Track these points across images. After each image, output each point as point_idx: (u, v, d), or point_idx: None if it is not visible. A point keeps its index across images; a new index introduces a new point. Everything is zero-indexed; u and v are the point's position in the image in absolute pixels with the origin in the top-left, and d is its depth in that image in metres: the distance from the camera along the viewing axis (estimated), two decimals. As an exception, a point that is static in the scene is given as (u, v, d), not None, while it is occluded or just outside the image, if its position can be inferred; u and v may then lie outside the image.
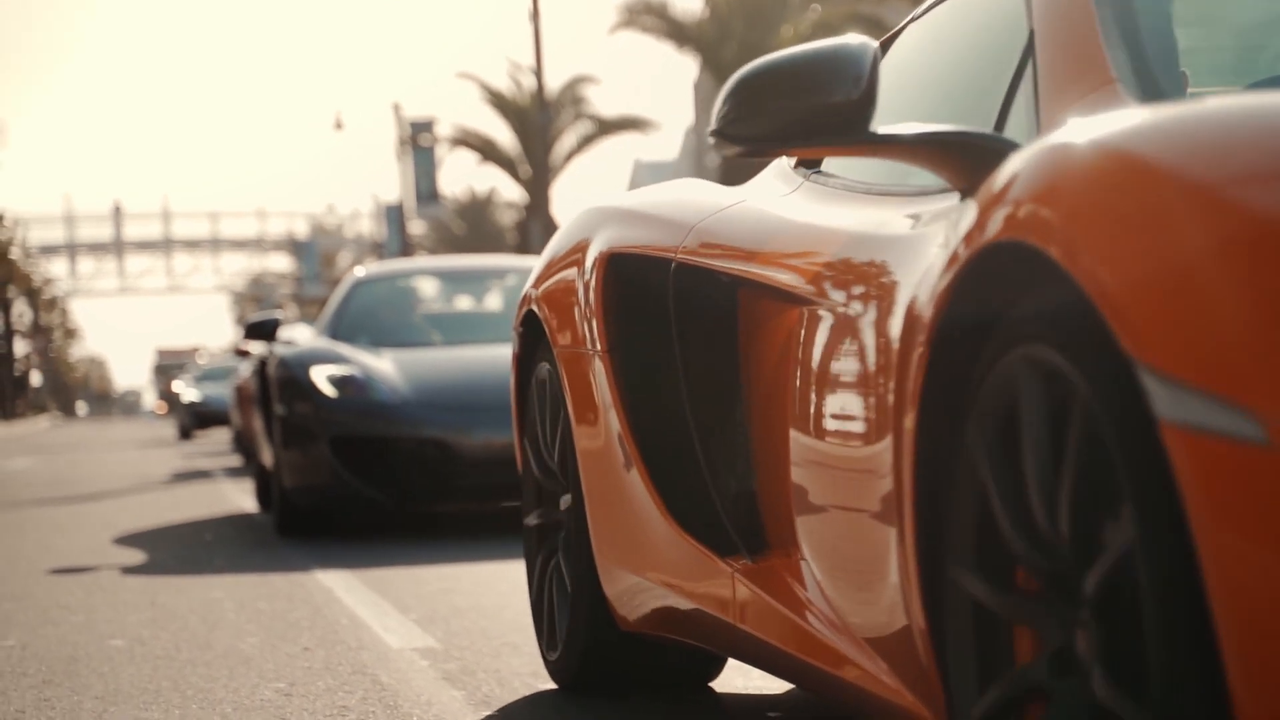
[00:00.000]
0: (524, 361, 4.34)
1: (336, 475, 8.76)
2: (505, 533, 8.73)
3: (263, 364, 10.46)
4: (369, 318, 10.31)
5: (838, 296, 2.90)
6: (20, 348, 77.25)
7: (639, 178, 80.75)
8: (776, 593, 3.09)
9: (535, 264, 4.25)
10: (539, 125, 31.72)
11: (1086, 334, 1.91)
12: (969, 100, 3.08)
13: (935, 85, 3.36)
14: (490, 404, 8.70)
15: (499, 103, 46.64)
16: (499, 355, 9.08)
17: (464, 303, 11.08)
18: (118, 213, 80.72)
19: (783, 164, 3.73)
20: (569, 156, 45.66)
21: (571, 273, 3.94)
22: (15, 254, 65.52)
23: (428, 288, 11.02)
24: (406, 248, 52.12)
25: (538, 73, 30.41)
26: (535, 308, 4.13)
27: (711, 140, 2.81)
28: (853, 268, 2.90)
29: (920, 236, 2.65)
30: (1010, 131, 2.83)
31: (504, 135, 47.00)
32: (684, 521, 3.47)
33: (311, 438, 8.87)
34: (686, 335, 3.50)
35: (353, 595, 6.39)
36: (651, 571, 3.60)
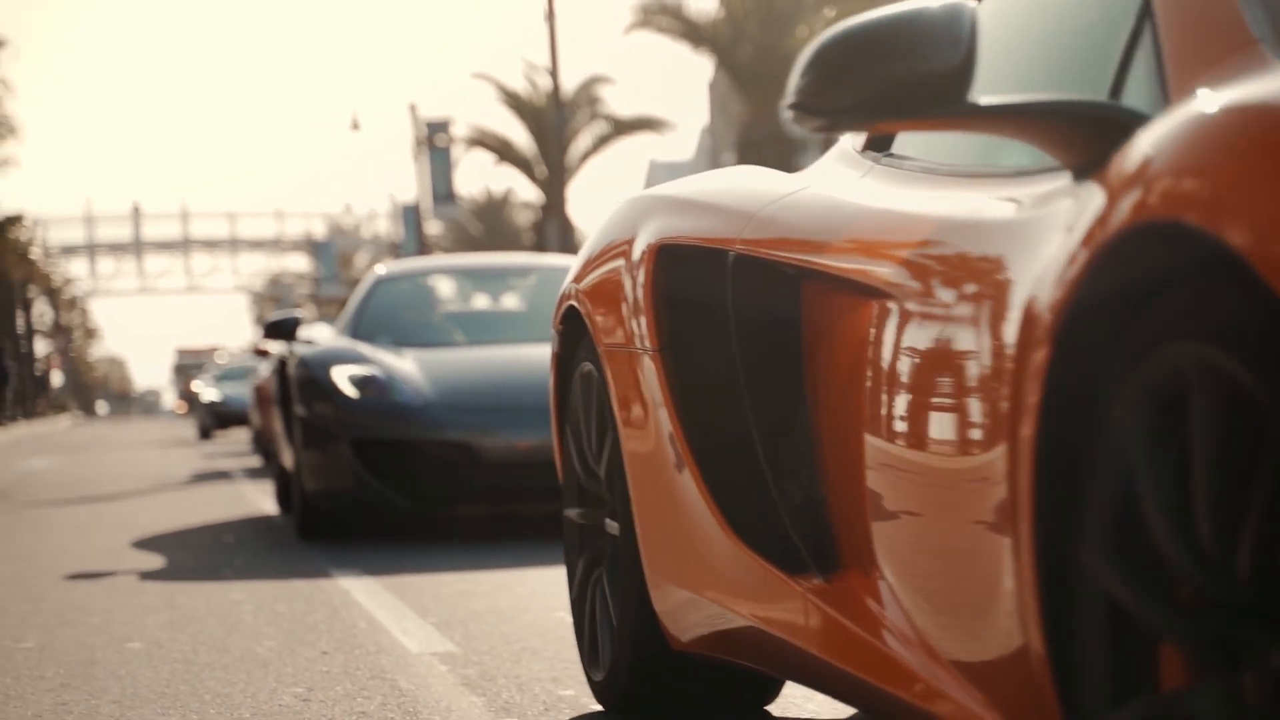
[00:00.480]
0: (564, 360, 4.07)
1: (358, 478, 8.59)
2: (522, 536, 8.70)
3: (282, 364, 10.32)
4: (390, 317, 10.10)
5: (926, 289, 2.63)
6: (41, 347, 77.43)
7: (654, 178, 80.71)
8: (853, 614, 2.83)
9: (576, 258, 4.01)
10: (555, 126, 31.67)
11: (1260, 333, 1.70)
12: (1073, 67, 2.77)
13: (1031, 51, 2.98)
14: (514, 405, 8.57)
15: (515, 103, 46.65)
16: (523, 355, 8.97)
17: (487, 302, 10.85)
18: (136, 213, 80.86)
19: (847, 147, 3.43)
20: (585, 157, 45.65)
21: (618, 266, 3.66)
22: (35, 254, 65.64)
23: (450, 286, 10.82)
24: (423, 248, 52.13)
25: (553, 73, 30.40)
26: (577, 303, 3.86)
27: (789, 114, 2.50)
28: (945, 258, 2.63)
29: (1029, 221, 2.35)
30: (1129, 101, 2.48)
31: (520, 136, 47.05)
32: (745, 534, 3.17)
33: (332, 439, 8.71)
34: (746, 332, 3.21)
35: (371, 598, 6.36)
36: (708, 588, 3.31)
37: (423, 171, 51.49)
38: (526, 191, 72.61)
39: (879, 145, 3.30)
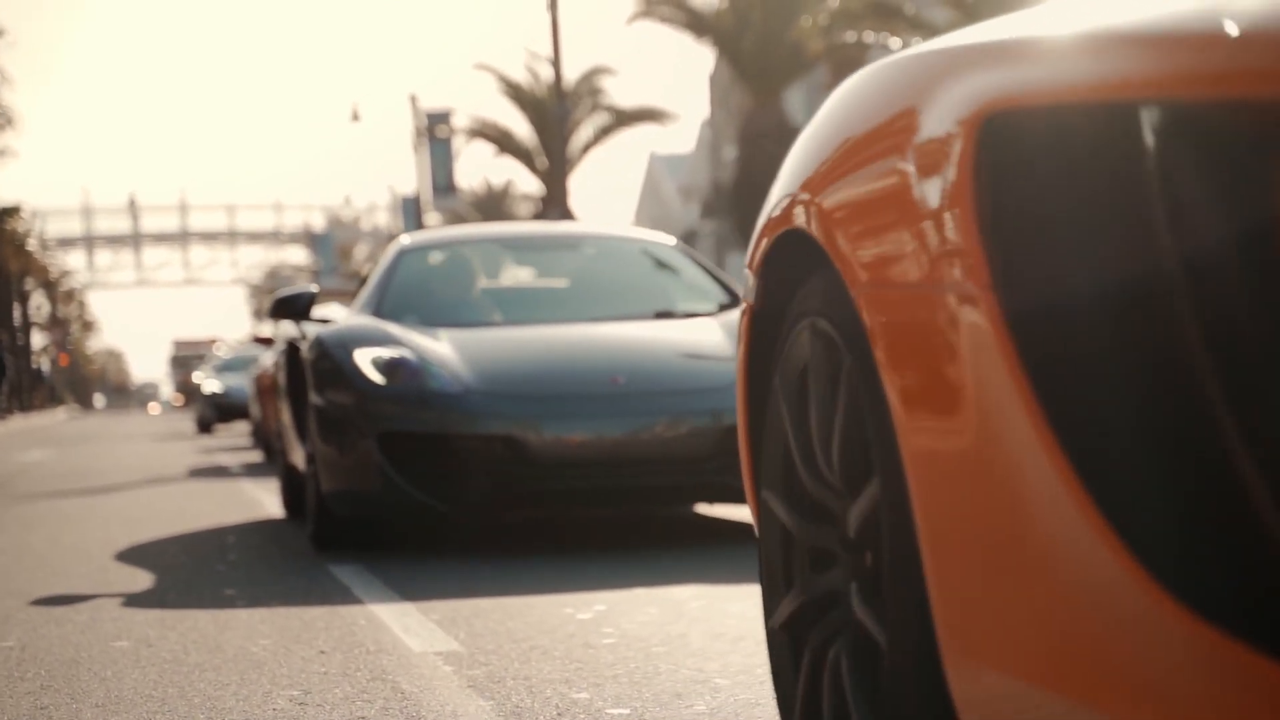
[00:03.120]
0: (766, 318, 2.74)
1: (385, 478, 7.28)
2: (521, 520, 8.43)
3: (292, 348, 9.18)
4: (419, 292, 8.71)
5: None
6: (38, 340, 77.18)
7: (654, 170, 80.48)
8: None
9: (789, 163, 2.67)
10: (556, 117, 31.36)
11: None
12: None
13: None
14: (564, 394, 7.36)
15: (516, 94, 46.38)
16: (573, 337, 7.89)
17: (528, 276, 9.51)
18: (133, 206, 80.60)
19: None
20: (586, 148, 45.40)
21: (895, 160, 2.23)
22: (33, 246, 65.36)
23: (486, 258, 9.37)
24: (424, 240, 51.86)
25: (555, 64, 30.11)
26: (806, 227, 2.49)
27: None
28: None
29: None
30: None
31: (521, 127, 46.76)
32: (1180, 587, 1.71)
33: (355, 433, 7.40)
34: (1190, 245, 1.71)
35: (369, 592, 6.09)
36: (1074, 674, 1.85)
37: (422, 163, 51.23)
38: (527, 183, 72.37)
39: None
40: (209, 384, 31.84)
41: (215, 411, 31.29)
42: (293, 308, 8.53)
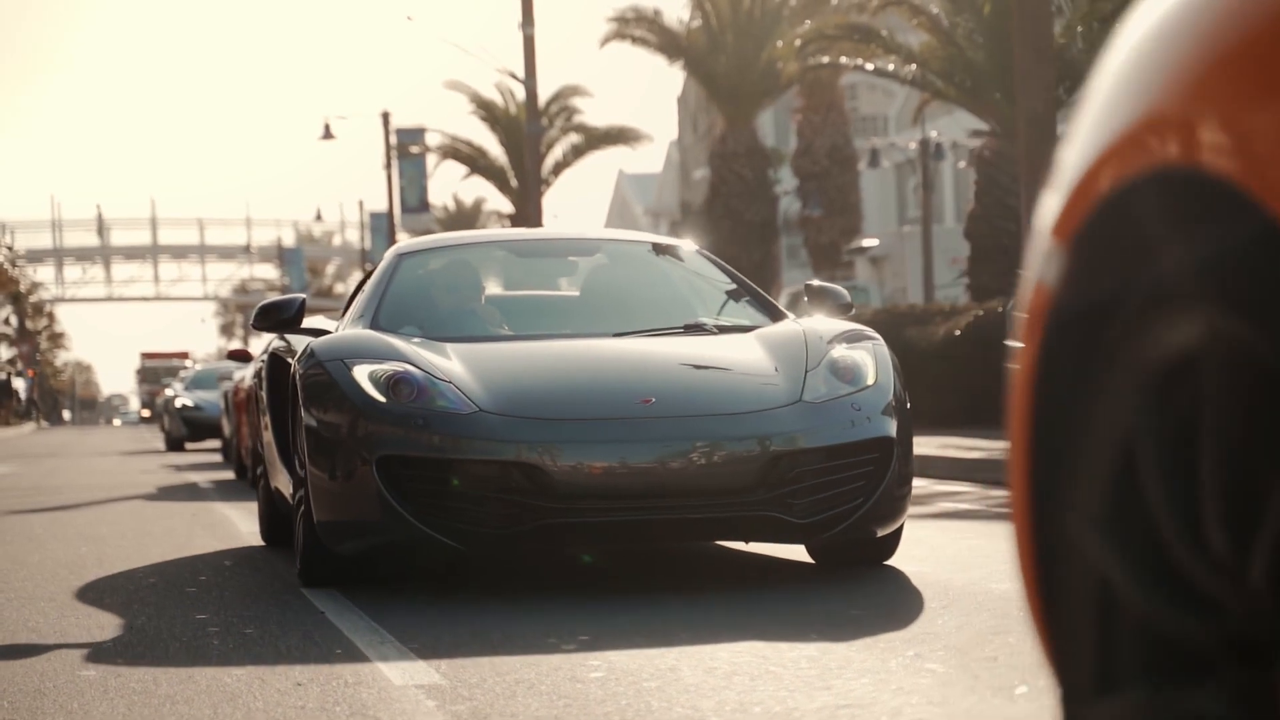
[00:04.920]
0: (1079, 307, 1.68)
1: (385, 508, 6.46)
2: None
3: (274, 359, 8.45)
4: (419, 302, 7.92)
5: None
6: (4, 353, 76.64)
7: (622, 189, 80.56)
8: None
9: (1125, 72, 1.58)
10: (529, 136, 31.15)
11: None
12: None
13: None
14: (589, 416, 6.51)
15: (488, 114, 46.23)
16: (596, 351, 7.08)
17: (538, 284, 8.75)
18: (100, 221, 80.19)
19: None
20: (559, 168, 45.27)
21: None
22: (2, 259, 64.89)
23: (491, 264, 8.62)
24: (395, 257, 51.69)
25: (529, 83, 29.94)
26: (1194, 161, 1.44)
27: None
28: None
29: None
30: None
31: (494, 146, 46.59)
32: None
33: (352, 457, 6.57)
34: None
35: (344, 619, 5.92)
36: None
37: (395, 180, 51.04)
38: (499, 201, 72.17)
39: None
40: (180, 399, 30.60)
41: (187, 428, 30.09)
42: (280, 317, 7.81)
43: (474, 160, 46.63)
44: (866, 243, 46.09)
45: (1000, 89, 22.19)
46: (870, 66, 25.32)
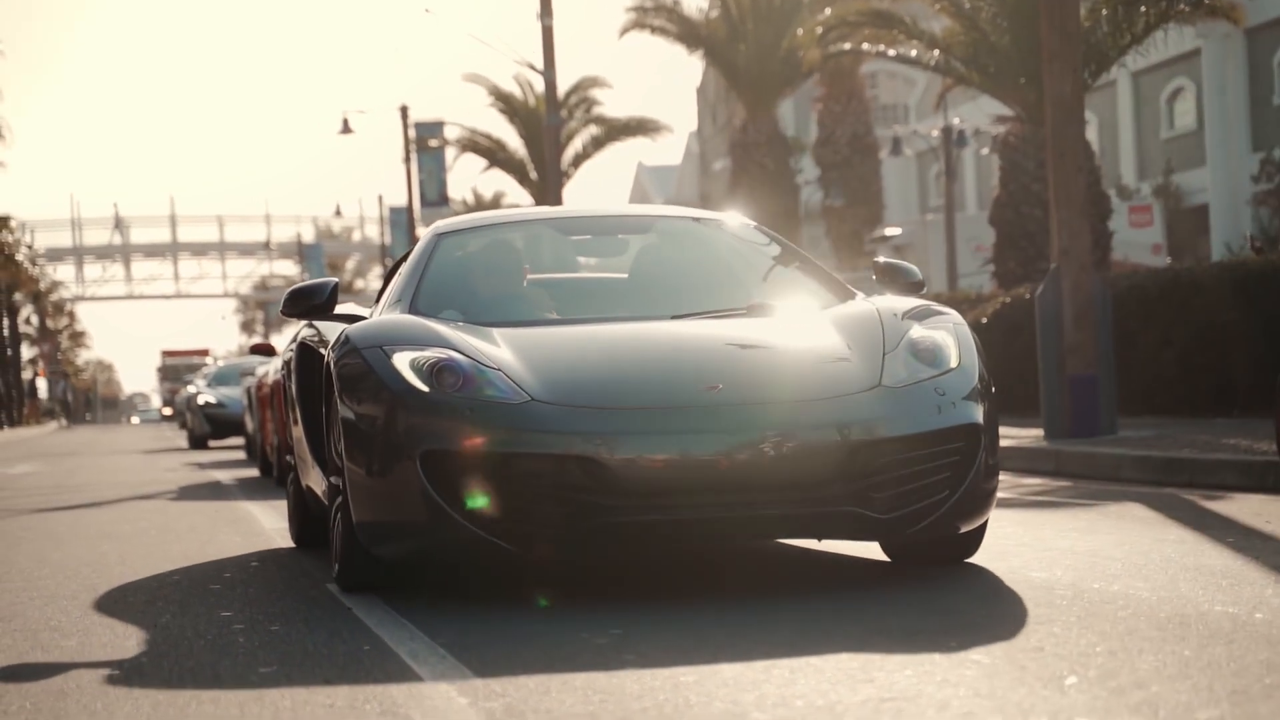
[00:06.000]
0: None
1: (431, 507, 5.89)
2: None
3: (304, 348, 7.97)
4: (459, 284, 7.34)
5: None
6: (26, 352, 76.75)
7: (641, 181, 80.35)
8: None
9: None
10: (549, 128, 31.01)
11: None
12: None
13: None
14: (652, 405, 5.97)
15: (507, 106, 46.12)
16: (656, 335, 6.55)
17: (587, 264, 8.16)
18: (118, 220, 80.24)
19: None
20: (578, 160, 45.15)
21: None
22: (22, 257, 64.92)
23: (535, 244, 8.03)
24: (415, 251, 51.59)
25: (548, 74, 29.81)
26: None
27: None
28: None
29: None
30: None
31: (512, 138, 46.48)
32: None
33: (394, 452, 6.01)
34: None
35: (372, 615, 5.81)
36: None
37: (414, 175, 50.95)
38: (519, 194, 72.04)
39: None
40: (202, 395, 30.25)
41: (208, 425, 29.85)
42: (311, 302, 7.22)
43: (493, 153, 46.52)
44: (889, 231, 45.87)
45: (1025, 73, 21.99)
46: (893, 52, 25.11)
